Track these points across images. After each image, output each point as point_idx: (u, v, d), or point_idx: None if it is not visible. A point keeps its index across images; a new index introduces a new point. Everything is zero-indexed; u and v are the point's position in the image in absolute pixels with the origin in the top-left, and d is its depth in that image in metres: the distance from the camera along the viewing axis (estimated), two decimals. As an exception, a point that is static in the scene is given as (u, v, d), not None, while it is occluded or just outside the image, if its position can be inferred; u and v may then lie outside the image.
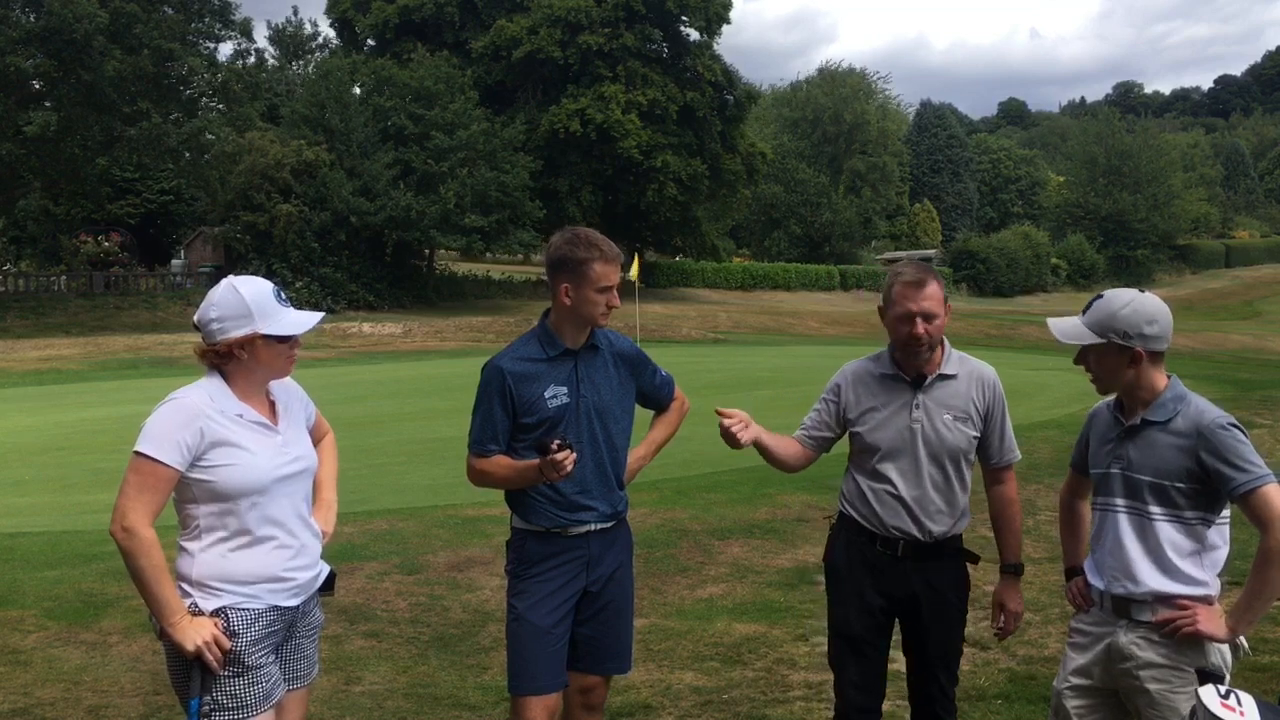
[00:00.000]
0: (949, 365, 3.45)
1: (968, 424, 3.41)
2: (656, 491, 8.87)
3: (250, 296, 2.87)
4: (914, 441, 3.40)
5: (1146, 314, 2.96)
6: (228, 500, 2.82)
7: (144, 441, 2.76)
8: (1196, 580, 2.96)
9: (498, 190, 42.98)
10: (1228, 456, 2.87)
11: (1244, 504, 2.87)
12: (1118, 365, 2.99)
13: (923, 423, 3.40)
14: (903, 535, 3.40)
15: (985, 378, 3.48)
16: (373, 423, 14.93)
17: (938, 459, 3.39)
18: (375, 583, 6.54)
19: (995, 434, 3.47)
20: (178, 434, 2.76)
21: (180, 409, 2.81)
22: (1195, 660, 2.92)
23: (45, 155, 36.70)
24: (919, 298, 3.32)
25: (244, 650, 2.80)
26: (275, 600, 2.89)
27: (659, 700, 4.75)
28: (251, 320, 2.86)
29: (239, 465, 2.82)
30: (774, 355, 29.92)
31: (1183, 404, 2.98)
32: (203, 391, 2.87)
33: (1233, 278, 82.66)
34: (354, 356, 29.00)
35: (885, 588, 3.44)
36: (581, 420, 3.38)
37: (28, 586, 6.53)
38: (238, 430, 2.85)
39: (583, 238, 3.35)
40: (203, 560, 2.82)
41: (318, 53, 64.11)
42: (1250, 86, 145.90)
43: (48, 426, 15.24)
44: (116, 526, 2.72)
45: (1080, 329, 3.02)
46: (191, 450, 2.77)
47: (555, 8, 49.30)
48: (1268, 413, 14.20)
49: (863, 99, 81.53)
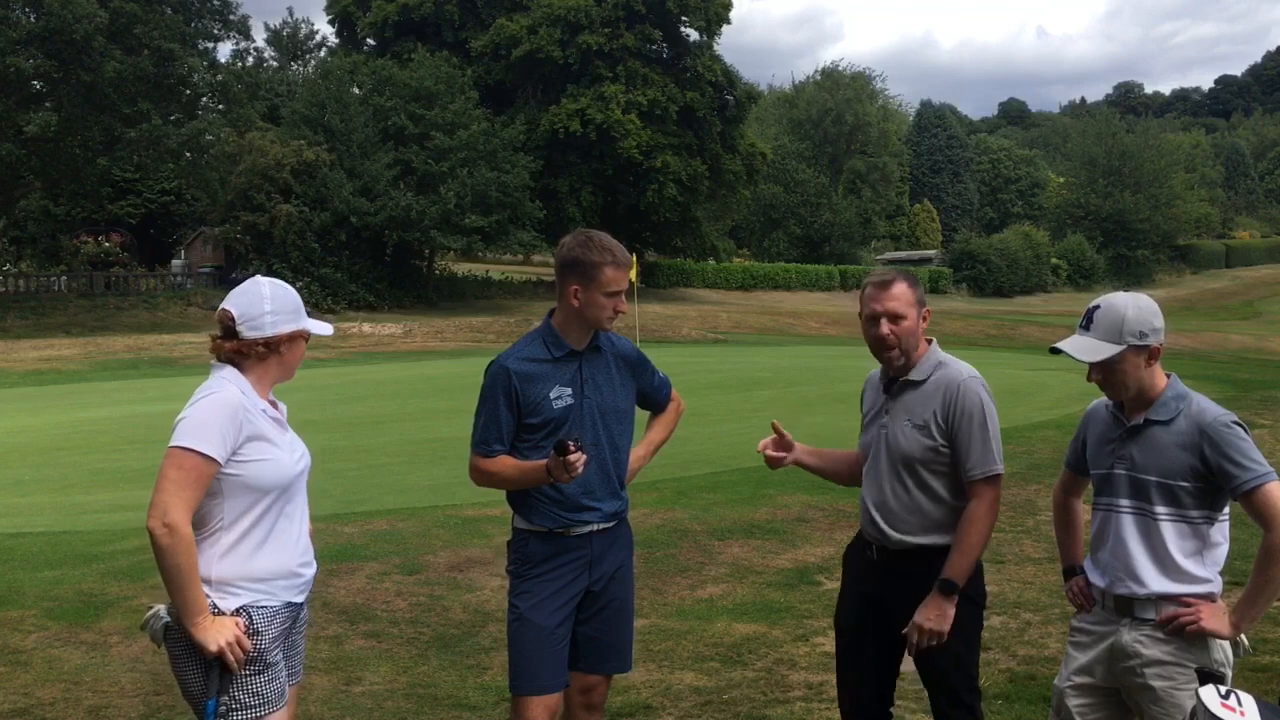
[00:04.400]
0: (919, 371, 3.36)
1: (925, 433, 3.29)
2: (656, 492, 8.86)
3: (291, 301, 2.96)
4: (880, 447, 3.38)
5: (1150, 309, 2.98)
6: (256, 495, 2.83)
7: (187, 436, 2.74)
8: (1200, 579, 2.96)
9: (498, 190, 43.00)
10: (1231, 455, 2.86)
11: (1247, 502, 2.87)
12: (1136, 367, 2.97)
13: (888, 429, 3.37)
14: (874, 540, 3.40)
15: (954, 386, 3.29)
16: (373, 423, 14.93)
17: (897, 466, 3.34)
18: (375, 583, 6.54)
19: (962, 445, 3.27)
20: (220, 428, 2.77)
21: (222, 403, 2.80)
22: (1199, 657, 2.92)
23: (46, 155, 36.74)
24: (884, 298, 3.30)
25: (266, 648, 2.82)
26: (289, 596, 2.92)
27: (659, 700, 4.75)
28: (302, 316, 2.94)
29: (271, 460, 2.85)
30: (774, 355, 29.93)
31: (1184, 402, 2.98)
32: (232, 386, 2.87)
33: (1233, 278, 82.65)
34: (354, 356, 29.00)
35: (868, 589, 3.44)
36: (586, 421, 3.39)
37: (28, 587, 6.53)
38: (267, 426, 2.89)
39: (596, 241, 3.35)
40: (227, 560, 2.82)
41: (316, 52, 64.19)
42: (1250, 86, 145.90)
43: (48, 426, 15.24)
44: (157, 523, 2.68)
45: (1098, 344, 2.97)
46: (232, 444, 2.78)
47: (555, 7, 49.32)
48: (1268, 413, 14.20)
49: (865, 101, 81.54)
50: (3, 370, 24.97)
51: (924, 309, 3.37)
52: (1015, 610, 5.94)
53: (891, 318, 3.30)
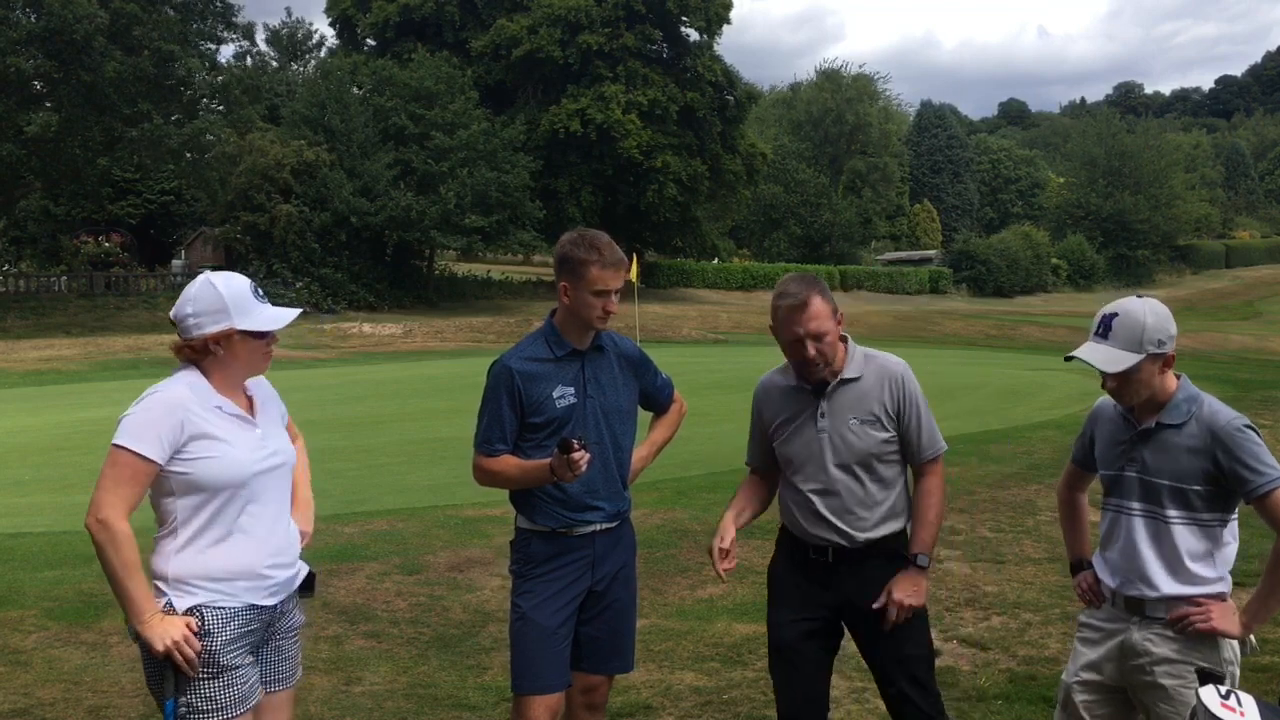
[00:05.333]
0: (851, 368, 3.34)
1: (876, 426, 3.31)
2: (657, 492, 8.86)
3: (227, 292, 2.84)
4: (822, 450, 3.34)
5: (1165, 316, 2.96)
6: (206, 493, 2.79)
7: (122, 435, 2.74)
8: (1210, 580, 2.97)
9: (498, 190, 42.99)
10: (1244, 459, 2.86)
11: (1260, 506, 2.87)
12: (1152, 375, 2.95)
13: (828, 431, 3.33)
14: (829, 543, 3.35)
15: (893, 376, 3.34)
16: (373, 423, 14.93)
17: (847, 466, 3.32)
18: (375, 583, 6.54)
19: (912, 432, 3.34)
20: (157, 427, 2.74)
21: (160, 402, 2.79)
22: (1208, 655, 2.93)
23: (46, 156, 36.73)
24: (804, 320, 3.23)
25: (219, 650, 2.75)
26: (252, 598, 2.84)
27: (659, 701, 4.75)
28: (228, 316, 2.83)
29: (219, 457, 2.79)
30: (775, 356, 29.79)
31: (1195, 405, 2.96)
32: (182, 385, 2.85)
33: (1233, 278, 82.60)
34: (354, 357, 28.99)
35: (821, 596, 3.38)
36: (589, 421, 3.39)
37: (28, 587, 6.53)
38: (217, 422, 2.82)
39: (586, 240, 3.35)
40: (180, 557, 2.78)
41: (315, 53, 64.20)
42: (1250, 87, 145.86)
43: (48, 426, 15.24)
44: (91, 519, 2.70)
45: (1119, 353, 2.93)
46: (171, 443, 2.75)
47: (555, 7, 49.31)
48: (1268, 413, 14.19)
49: (866, 101, 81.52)
50: (3, 370, 24.96)
51: (839, 314, 3.32)
52: (1015, 610, 5.93)
53: (815, 338, 3.24)
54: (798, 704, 3.39)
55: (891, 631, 3.29)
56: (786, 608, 3.46)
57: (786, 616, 3.44)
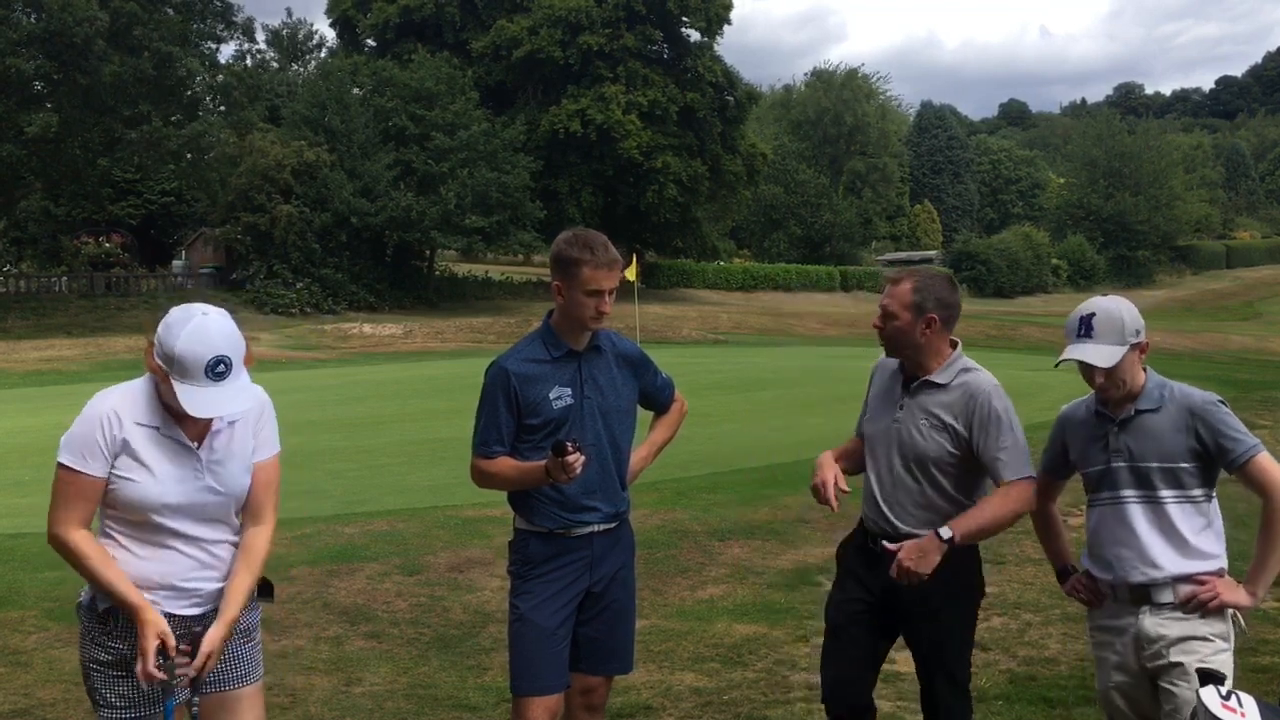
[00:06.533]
0: (943, 375, 3.37)
1: (944, 434, 3.32)
2: (657, 492, 8.86)
3: (182, 351, 2.65)
4: (890, 441, 3.41)
5: (1134, 308, 3.15)
6: (125, 511, 2.78)
7: (63, 451, 2.74)
8: (1211, 554, 3.08)
9: (498, 191, 42.98)
10: (1224, 430, 3.03)
11: (1242, 473, 3.02)
12: (1133, 364, 3.12)
13: (902, 423, 3.39)
14: (880, 530, 3.41)
15: (975, 394, 3.32)
16: (373, 423, 14.94)
17: (909, 463, 3.36)
18: (376, 583, 6.54)
19: (989, 452, 3.27)
20: (92, 441, 2.73)
21: (88, 416, 2.76)
22: (1217, 627, 3.04)
23: (46, 156, 36.73)
24: (886, 294, 3.43)
25: (128, 653, 2.76)
26: (172, 608, 2.80)
27: (659, 701, 4.75)
28: (172, 369, 2.69)
29: (136, 483, 2.74)
30: (775, 356, 29.93)
31: (1166, 389, 3.13)
32: (121, 395, 2.80)
33: (1233, 279, 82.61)
34: (354, 357, 29.00)
35: (873, 581, 3.42)
36: (586, 421, 3.38)
37: (28, 587, 6.53)
38: (144, 444, 2.76)
39: (580, 239, 3.34)
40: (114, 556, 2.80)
41: (316, 53, 64.20)
42: (1251, 87, 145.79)
43: (48, 427, 15.19)
44: (49, 537, 2.74)
45: (1109, 349, 3.07)
46: (111, 453, 2.73)
47: (556, 8, 49.32)
48: (1268, 413, 14.18)
49: (864, 101, 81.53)
50: (3, 371, 24.98)
51: (925, 314, 3.32)
52: (1015, 611, 5.94)
53: (885, 315, 3.38)
54: (835, 683, 3.44)
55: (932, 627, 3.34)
56: (841, 588, 3.55)
57: (839, 596, 3.53)
